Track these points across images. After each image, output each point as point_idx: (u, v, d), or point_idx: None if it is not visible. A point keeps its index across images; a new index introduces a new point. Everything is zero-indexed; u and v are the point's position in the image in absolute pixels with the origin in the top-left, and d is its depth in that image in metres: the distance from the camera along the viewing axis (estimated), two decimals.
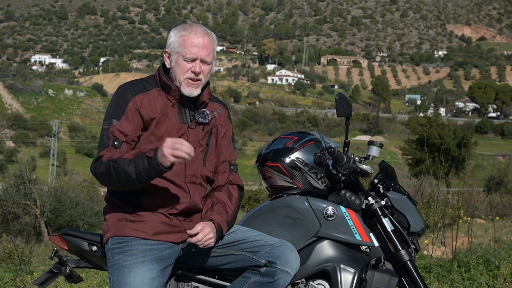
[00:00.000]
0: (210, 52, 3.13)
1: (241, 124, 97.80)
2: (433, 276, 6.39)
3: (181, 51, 3.10)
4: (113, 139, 3.03)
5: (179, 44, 3.11)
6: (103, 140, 3.05)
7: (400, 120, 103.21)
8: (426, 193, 15.18)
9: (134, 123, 3.07)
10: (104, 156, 2.99)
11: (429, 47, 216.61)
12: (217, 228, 3.08)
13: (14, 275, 8.04)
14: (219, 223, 3.09)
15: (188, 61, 3.10)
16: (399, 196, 3.39)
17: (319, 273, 3.28)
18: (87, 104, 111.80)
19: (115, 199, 3.14)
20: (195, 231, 3.03)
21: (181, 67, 3.11)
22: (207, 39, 3.12)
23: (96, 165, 3.00)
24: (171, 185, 3.10)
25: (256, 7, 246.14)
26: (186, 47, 3.09)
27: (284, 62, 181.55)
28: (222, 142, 3.28)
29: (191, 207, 3.14)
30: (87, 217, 20.73)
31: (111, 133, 3.04)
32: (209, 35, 3.14)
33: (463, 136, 29.29)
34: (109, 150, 3.02)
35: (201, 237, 3.02)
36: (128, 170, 2.90)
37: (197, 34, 3.11)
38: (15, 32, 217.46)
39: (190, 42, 3.09)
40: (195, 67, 3.09)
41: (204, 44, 3.10)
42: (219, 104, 3.31)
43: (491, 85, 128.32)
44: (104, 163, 2.96)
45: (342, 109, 3.36)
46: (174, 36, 3.14)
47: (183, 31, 3.13)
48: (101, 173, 2.97)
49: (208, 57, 3.12)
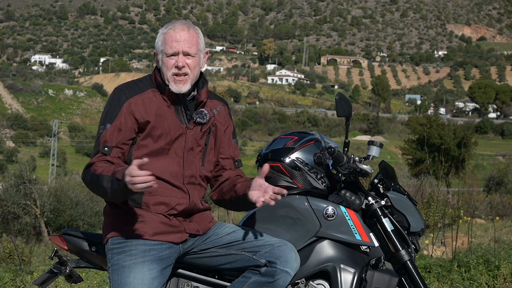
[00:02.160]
0: (192, 45, 3.11)
1: (241, 124, 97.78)
2: (433, 276, 6.39)
3: (163, 48, 3.11)
4: (103, 145, 3.04)
5: (162, 42, 3.13)
6: (96, 145, 3.08)
7: (400, 120, 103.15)
8: (426, 193, 15.18)
9: (126, 127, 3.06)
10: (92, 167, 2.99)
11: (429, 47, 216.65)
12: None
13: (14, 275, 8.05)
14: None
15: (171, 57, 3.10)
16: (399, 196, 3.39)
17: (319, 273, 3.28)
18: (87, 104, 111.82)
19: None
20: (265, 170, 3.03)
21: (166, 65, 3.11)
22: (187, 33, 3.11)
23: (86, 174, 3.02)
24: (170, 186, 3.10)
25: (256, 7, 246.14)
26: (167, 44, 3.10)
27: (284, 62, 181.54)
28: (224, 139, 3.28)
29: (191, 207, 3.14)
30: (87, 217, 20.72)
31: (102, 139, 3.05)
32: (190, 28, 3.13)
33: (463, 136, 29.29)
34: (98, 157, 3.02)
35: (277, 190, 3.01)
36: (107, 185, 2.89)
37: (177, 29, 3.11)
38: (15, 32, 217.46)
39: (170, 38, 3.10)
40: (178, 61, 3.09)
41: (184, 38, 3.10)
42: (219, 101, 3.30)
43: (491, 85, 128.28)
44: (89, 175, 2.99)
45: (342, 109, 3.35)
46: (158, 36, 3.17)
47: (164, 29, 3.15)
48: (87, 184, 3.02)
49: (190, 49, 3.10)
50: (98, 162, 3.00)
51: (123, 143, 3.06)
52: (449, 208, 12.79)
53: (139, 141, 3.10)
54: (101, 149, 3.03)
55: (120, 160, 3.06)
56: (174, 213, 3.10)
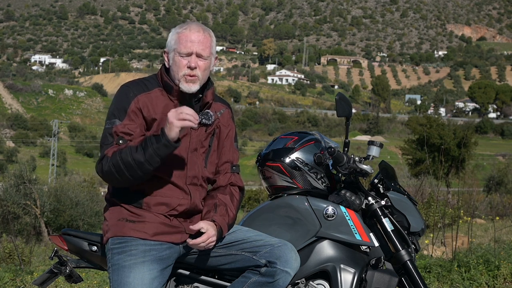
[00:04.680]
0: (206, 47, 3.11)
1: (241, 124, 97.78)
2: (433, 276, 6.39)
3: (177, 47, 3.10)
4: (117, 138, 3.03)
5: (175, 41, 3.12)
6: (107, 139, 3.04)
7: (400, 120, 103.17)
8: (426, 193, 15.19)
9: (137, 122, 3.07)
10: (109, 153, 2.99)
11: (429, 47, 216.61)
12: (218, 230, 3.08)
13: (14, 275, 8.04)
14: (220, 225, 3.09)
15: (184, 57, 3.09)
16: (399, 196, 3.39)
17: (319, 273, 3.28)
18: (87, 104, 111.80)
19: (115, 199, 3.14)
20: (198, 227, 3.03)
21: (177, 64, 3.10)
22: (202, 34, 3.12)
23: (103, 163, 2.99)
24: (171, 186, 3.10)
25: (256, 7, 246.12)
26: (182, 43, 3.09)
27: (284, 62, 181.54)
28: (225, 143, 3.27)
29: (192, 208, 3.14)
30: (87, 217, 20.71)
31: (114, 133, 3.03)
32: (205, 31, 3.14)
33: (463, 136, 29.28)
34: (114, 147, 3.01)
35: (205, 238, 3.02)
36: (137, 155, 2.91)
37: (192, 30, 3.11)
38: (15, 32, 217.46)
39: (185, 38, 3.10)
40: (190, 61, 3.08)
41: (199, 39, 3.10)
42: (222, 104, 3.31)
43: (491, 85, 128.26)
44: (110, 159, 2.96)
45: (342, 109, 3.35)
46: (171, 35, 3.16)
47: (179, 28, 3.15)
48: (109, 168, 2.97)
49: (203, 52, 3.10)
50: (115, 148, 3.00)
51: (135, 136, 3.05)
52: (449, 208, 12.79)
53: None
54: (116, 141, 3.02)
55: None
56: (174, 214, 3.10)
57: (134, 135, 3.04)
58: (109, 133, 3.04)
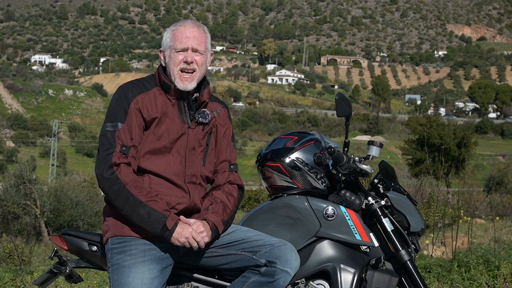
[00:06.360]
0: (201, 42, 3.15)
1: (241, 124, 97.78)
2: (433, 276, 6.39)
3: (173, 44, 3.14)
4: (120, 145, 3.04)
5: (171, 38, 3.16)
6: (109, 142, 3.05)
7: (400, 120, 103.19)
8: (426, 193, 15.18)
9: (137, 124, 3.08)
10: (121, 172, 3.00)
11: (429, 47, 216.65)
12: (211, 227, 3.07)
13: (14, 275, 8.04)
14: (214, 222, 3.08)
15: (180, 52, 3.12)
16: (399, 196, 3.39)
17: (319, 273, 3.28)
18: (87, 104, 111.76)
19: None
20: (185, 221, 3.03)
21: (173, 60, 3.13)
22: (197, 30, 3.16)
23: (111, 179, 3.00)
24: (171, 185, 3.11)
25: (256, 7, 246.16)
26: (177, 39, 3.13)
27: (284, 62, 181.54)
28: (222, 142, 3.28)
29: (191, 207, 3.15)
30: (87, 217, 20.70)
31: (117, 138, 3.05)
32: (199, 27, 3.18)
33: (463, 136, 29.29)
34: (119, 157, 3.01)
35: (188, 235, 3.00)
36: (140, 215, 2.97)
37: (187, 27, 3.16)
38: (15, 32, 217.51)
39: (180, 34, 3.14)
40: (187, 56, 3.11)
41: (194, 35, 3.14)
42: (219, 104, 3.32)
43: (491, 85, 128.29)
44: (120, 188, 2.98)
45: (342, 109, 3.35)
46: (166, 34, 3.20)
47: (173, 26, 3.19)
48: (113, 195, 3.01)
49: (199, 46, 3.14)
50: (123, 166, 3.01)
51: (138, 142, 3.08)
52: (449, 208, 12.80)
53: (143, 138, 3.12)
54: (120, 149, 3.03)
55: (135, 159, 3.07)
56: (174, 212, 3.10)
57: (136, 140, 3.06)
58: (111, 136, 3.05)
